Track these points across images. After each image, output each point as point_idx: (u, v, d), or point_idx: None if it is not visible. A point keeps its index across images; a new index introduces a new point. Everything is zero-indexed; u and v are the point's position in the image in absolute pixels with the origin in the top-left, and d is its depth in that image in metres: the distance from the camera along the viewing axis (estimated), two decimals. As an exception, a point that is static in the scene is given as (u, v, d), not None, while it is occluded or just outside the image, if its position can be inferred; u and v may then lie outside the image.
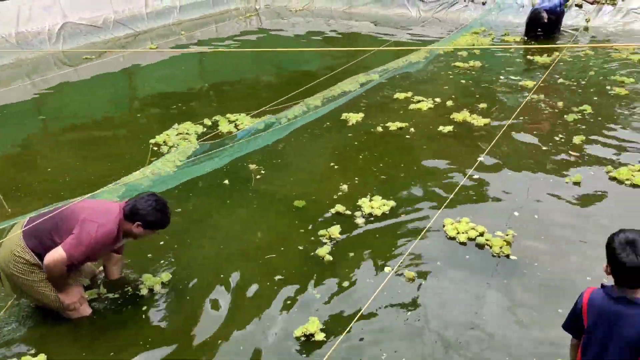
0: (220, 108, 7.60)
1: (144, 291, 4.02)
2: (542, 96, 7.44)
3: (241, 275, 4.20)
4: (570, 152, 5.87)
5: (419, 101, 7.43)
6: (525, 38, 10.44)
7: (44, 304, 3.70)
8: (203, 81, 9.34)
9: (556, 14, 10.28)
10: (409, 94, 7.71)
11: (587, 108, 6.90)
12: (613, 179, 5.30)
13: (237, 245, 4.60)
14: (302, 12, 14.38)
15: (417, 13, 13.10)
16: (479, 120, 6.73)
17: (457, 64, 9.03)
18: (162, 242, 4.64)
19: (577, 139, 6.08)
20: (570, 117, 6.66)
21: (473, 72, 8.66)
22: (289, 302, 3.89)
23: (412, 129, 6.61)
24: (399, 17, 13.10)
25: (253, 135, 6.38)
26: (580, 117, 6.70)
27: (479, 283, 3.99)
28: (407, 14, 13.16)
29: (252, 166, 5.86)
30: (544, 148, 5.99)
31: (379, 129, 6.67)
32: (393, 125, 6.67)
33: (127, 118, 7.79)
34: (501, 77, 8.41)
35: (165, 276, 4.15)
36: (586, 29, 11.17)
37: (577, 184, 5.25)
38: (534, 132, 6.37)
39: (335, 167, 5.85)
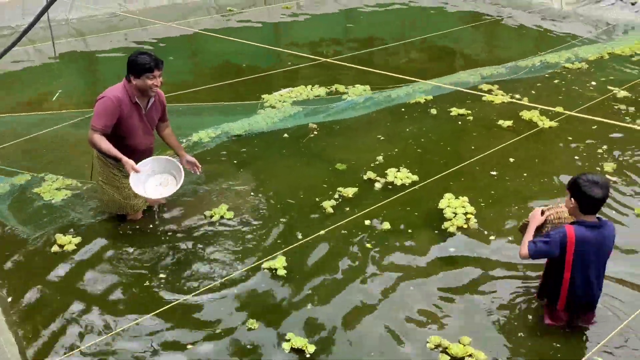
0: (350, 75, 8.32)
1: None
2: None
3: (261, 211, 5.16)
4: None
5: (497, 94, 7.69)
6: None
7: (104, 203, 4.90)
8: (344, 45, 10.29)
9: None
10: (495, 87, 7.97)
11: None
12: None
13: (271, 187, 5.54)
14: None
15: (559, 5, 12.71)
16: (545, 122, 6.91)
17: (567, 65, 8.94)
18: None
19: None
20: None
21: (571, 76, 8.56)
22: (279, 241, 4.74)
23: (470, 117, 7.02)
24: (540, 5, 12.82)
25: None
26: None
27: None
28: (547, 4, 12.84)
29: (312, 125, 6.75)
30: None
31: (433, 111, 7.21)
32: (454, 111, 7.13)
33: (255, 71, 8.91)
34: (592, 82, 8.26)
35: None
36: None
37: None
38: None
39: (381, 138, 6.55)
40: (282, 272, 4.35)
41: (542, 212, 3.84)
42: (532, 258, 3.65)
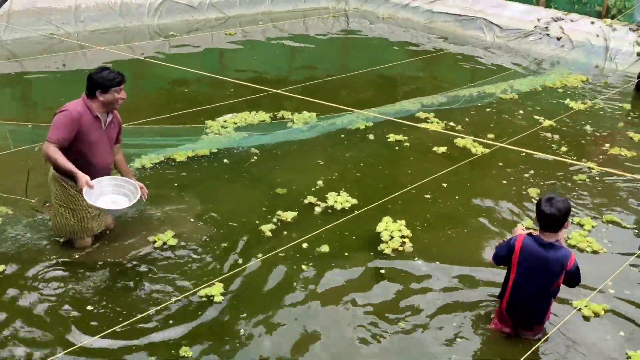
0: (294, 104, 8.38)
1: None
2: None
3: (202, 236, 5.14)
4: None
5: (432, 122, 7.98)
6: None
7: (59, 227, 4.77)
8: (289, 75, 10.44)
9: None
10: (431, 114, 8.26)
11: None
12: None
13: (212, 212, 5.54)
14: (387, 19, 15.07)
15: (491, 38, 13.37)
16: (478, 149, 7.21)
17: (501, 95, 9.35)
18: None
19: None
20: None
21: (503, 106, 8.99)
22: (218, 266, 4.75)
23: (407, 144, 7.26)
24: (473, 38, 13.43)
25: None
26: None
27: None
28: (481, 37, 13.47)
29: (253, 150, 6.80)
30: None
31: (371, 136, 7.43)
32: (392, 137, 7.36)
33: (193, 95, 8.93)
34: (521, 111, 8.72)
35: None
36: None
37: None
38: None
39: (322, 163, 6.68)
40: (219, 298, 4.34)
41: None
42: (494, 262, 4.02)
